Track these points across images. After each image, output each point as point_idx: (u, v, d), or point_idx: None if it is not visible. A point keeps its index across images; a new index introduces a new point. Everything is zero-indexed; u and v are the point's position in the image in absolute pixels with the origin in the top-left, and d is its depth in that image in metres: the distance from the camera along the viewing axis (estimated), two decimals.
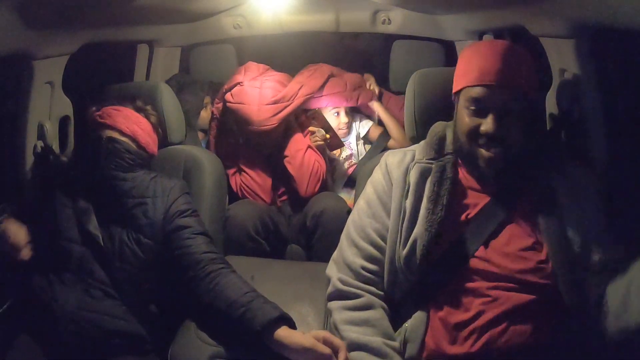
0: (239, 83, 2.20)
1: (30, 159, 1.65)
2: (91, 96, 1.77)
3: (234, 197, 2.23)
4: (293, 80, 2.28)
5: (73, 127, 1.84)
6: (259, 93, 2.15)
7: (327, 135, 2.31)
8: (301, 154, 2.19)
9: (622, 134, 1.41)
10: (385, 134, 2.49)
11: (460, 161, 1.23)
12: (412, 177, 1.20)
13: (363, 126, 2.56)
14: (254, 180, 2.21)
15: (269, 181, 2.22)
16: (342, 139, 2.43)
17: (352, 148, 2.54)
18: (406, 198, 1.19)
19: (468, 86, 1.15)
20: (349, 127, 2.51)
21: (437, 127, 1.30)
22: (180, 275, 1.36)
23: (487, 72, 1.12)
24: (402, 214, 1.18)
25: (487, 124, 1.11)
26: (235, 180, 2.26)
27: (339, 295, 1.20)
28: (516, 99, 1.11)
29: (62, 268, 1.39)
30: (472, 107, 1.15)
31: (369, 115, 2.60)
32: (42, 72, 1.61)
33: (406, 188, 1.20)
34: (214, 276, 1.31)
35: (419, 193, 1.18)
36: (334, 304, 1.20)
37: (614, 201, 1.21)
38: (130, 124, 1.55)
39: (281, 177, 2.25)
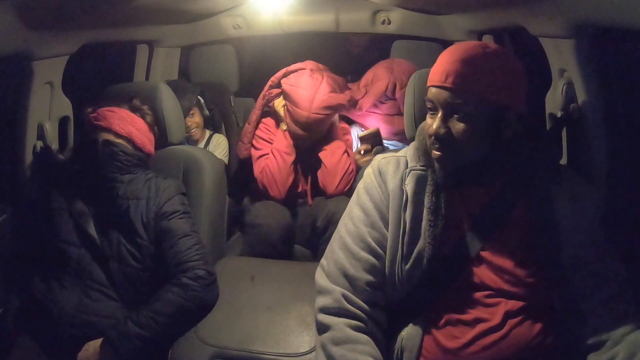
0: (302, 69, 2.21)
1: (29, 159, 1.65)
2: (91, 97, 1.77)
3: (242, 192, 2.23)
4: (358, 83, 2.37)
5: (72, 127, 1.84)
6: (320, 82, 2.14)
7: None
8: (340, 152, 2.17)
9: (622, 134, 1.41)
10: None
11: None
12: (409, 186, 1.15)
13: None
14: (279, 169, 2.15)
15: (291, 177, 2.17)
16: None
17: None
18: (405, 210, 1.14)
19: (428, 87, 1.14)
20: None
21: (423, 128, 1.24)
22: None
23: (436, 73, 1.09)
24: (402, 227, 1.13)
25: (430, 124, 1.11)
26: (260, 164, 2.21)
27: (343, 313, 1.11)
28: (468, 102, 1.05)
29: (61, 271, 1.39)
30: (428, 106, 1.13)
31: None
32: (42, 73, 1.61)
33: (404, 199, 1.15)
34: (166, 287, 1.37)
35: (417, 203, 1.14)
36: (334, 320, 1.11)
37: (612, 212, 1.20)
38: (125, 125, 1.54)
39: (305, 174, 2.23)
